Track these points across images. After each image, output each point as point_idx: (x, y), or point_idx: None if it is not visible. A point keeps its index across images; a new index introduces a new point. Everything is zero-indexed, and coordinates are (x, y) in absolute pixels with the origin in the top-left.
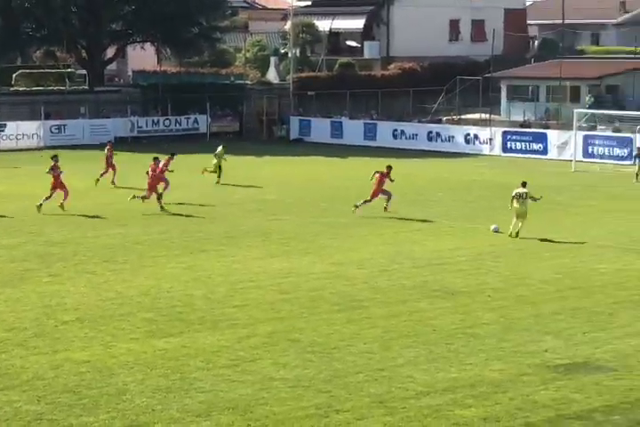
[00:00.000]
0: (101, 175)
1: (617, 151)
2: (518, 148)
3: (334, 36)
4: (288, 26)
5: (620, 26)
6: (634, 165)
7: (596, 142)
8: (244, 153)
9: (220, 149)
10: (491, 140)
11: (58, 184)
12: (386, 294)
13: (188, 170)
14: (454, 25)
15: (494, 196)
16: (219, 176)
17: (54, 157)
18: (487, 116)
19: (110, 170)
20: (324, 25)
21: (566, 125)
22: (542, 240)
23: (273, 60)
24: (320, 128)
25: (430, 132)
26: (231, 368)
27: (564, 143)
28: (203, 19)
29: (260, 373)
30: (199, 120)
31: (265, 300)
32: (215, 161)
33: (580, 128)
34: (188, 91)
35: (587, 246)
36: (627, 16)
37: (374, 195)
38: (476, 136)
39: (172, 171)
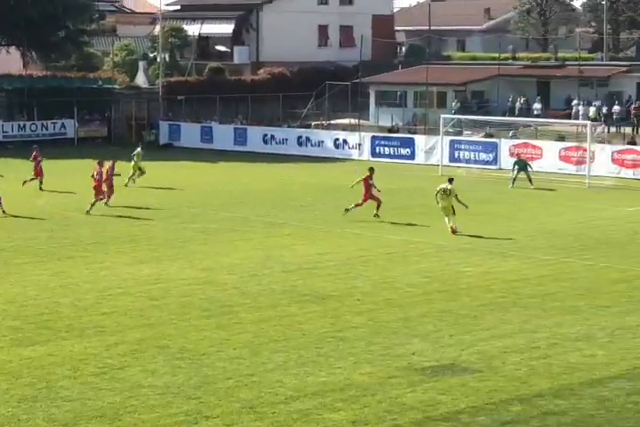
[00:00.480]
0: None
1: (482, 156)
2: (386, 153)
3: (204, 40)
4: (157, 30)
5: (484, 32)
6: (512, 171)
7: (462, 147)
8: (112, 158)
9: (137, 150)
10: (360, 145)
11: None
12: (256, 299)
13: (57, 175)
14: (323, 31)
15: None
16: (130, 178)
17: None
18: (356, 121)
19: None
20: (193, 29)
21: (433, 130)
22: (410, 244)
23: (142, 64)
24: (190, 133)
25: (300, 137)
26: (99, 376)
27: (431, 148)
28: (69, 22)
29: (129, 380)
30: (66, 125)
31: (134, 306)
32: (133, 163)
33: (446, 133)
34: (55, 95)
35: (453, 250)
36: (491, 23)
37: (365, 199)
38: (345, 141)
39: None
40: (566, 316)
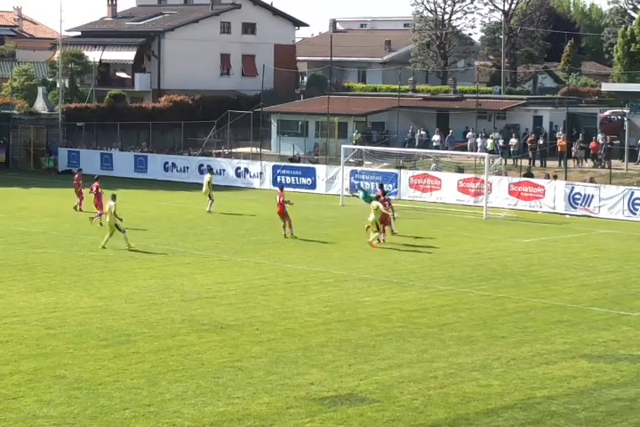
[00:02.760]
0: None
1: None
2: (288, 182)
3: (104, 67)
4: (57, 55)
5: (385, 64)
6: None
7: (363, 177)
8: (9, 184)
9: (208, 176)
10: (261, 173)
11: None
12: (154, 329)
13: None
14: (225, 59)
15: (264, 229)
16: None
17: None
18: (258, 150)
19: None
20: (93, 55)
21: (334, 160)
22: (310, 273)
23: (41, 89)
24: (90, 159)
25: (201, 165)
26: None
27: (332, 178)
28: None
29: (23, 410)
30: None
31: (30, 335)
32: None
33: (347, 163)
34: None
35: (353, 279)
36: (392, 55)
37: (386, 222)
38: (246, 170)
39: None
40: (463, 346)
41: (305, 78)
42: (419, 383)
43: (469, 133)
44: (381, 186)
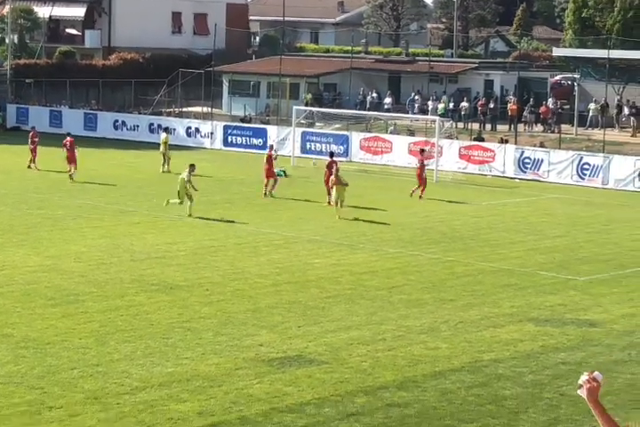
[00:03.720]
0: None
1: (333, 148)
2: (239, 142)
3: (54, 23)
4: (5, 10)
5: (337, 25)
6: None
7: (314, 139)
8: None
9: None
10: (212, 133)
11: None
12: (103, 288)
13: None
14: (177, 17)
15: (214, 190)
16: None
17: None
18: (209, 109)
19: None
20: (43, 11)
21: (285, 121)
22: (260, 234)
23: None
24: (38, 117)
25: (152, 123)
26: None
27: (283, 139)
28: None
29: None
30: None
31: None
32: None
33: (298, 124)
34: None
35: (302, 241)
36: (344, 16)
37: (422, 180)
38: (197, 129)
39: None
40: (412, 309)
41: (257, 38)
42: (367, 346)
43: (414, 96)
44: (332, 154)
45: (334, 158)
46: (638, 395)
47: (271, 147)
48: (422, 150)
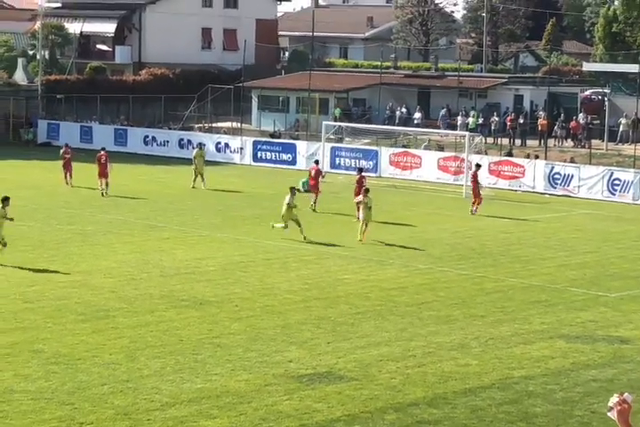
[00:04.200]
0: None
1: (363, 163)
2: (268, 157)
3: (85, 39)
4: (37, 26)
5: (366, 40)
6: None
7: (343, 154)
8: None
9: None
10: (241, 149)
11: None
12: (133, 304)
13: None
14: (206, 33)
15: (244, 205)
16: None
17: None
18: (238, 124)
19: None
20: (74, 27)
21: (315, 137)
22: (290, 250)
23: (21, 61)
24: (69, 132)
25: (182, 139)
26: None
27: (313, 154)
28: None
29: (1, 385)
30: None
31: (7, 309)
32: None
33: (327, 140)
34: None
35: (332, 256)
36: (373, 31)
37: (476, 194)
38: (227, 145)
39: None
40: (442, 325)
41: (286, 54)
42: (397, 362)
43: (442, 111)
44: (360, 169)
45: (363, 173)
46: None
47: (317, 162)
48: (478, 165)
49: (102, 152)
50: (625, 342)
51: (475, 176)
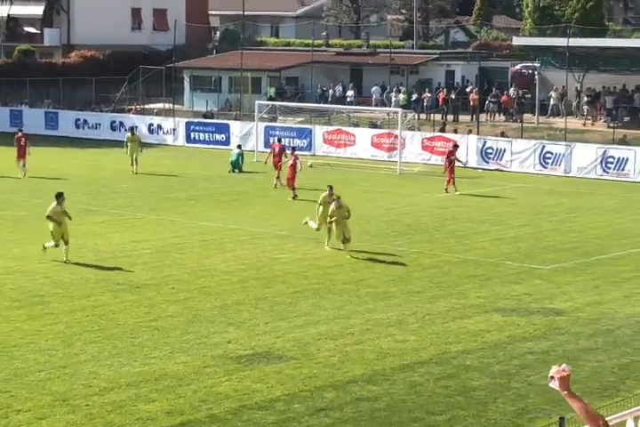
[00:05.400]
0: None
1: (297, 142)
2: (201, 138)
3: (13, 21)
4: None
5: (298, 18)
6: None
7: (277, 133)
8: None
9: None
10: (174, 130)
11: None
12: (68, 289)
13: None
14: (136, 14)
15: (178, 187)
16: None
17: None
18: (171, 106)
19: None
20: (1, 10)
21: (248, 116)
22: (226, 231)
23: None
24: None
25: (114, 121)
26: None
27: (246, 134)
28: None
29: None
30: None
31: None
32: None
33: (261, 119)
34: None
35: (268, 236)
36: (304, 9)
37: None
38: (159, 126)
39: None
40: (379, 302)
41: (217, 33)
42: (335, 340)
43: (374, 88)
44: (293, 149)
45: (296, 153)
46: (605, 382)
47: (279, 140)
48: (456, 146)
49: (20, 133)
50: (559, 314)
51: (449, 155)
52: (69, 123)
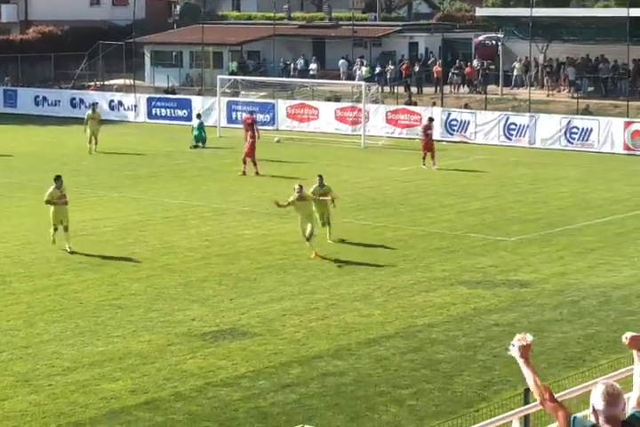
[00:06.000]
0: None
1: (259, 117)
2: (163, 114)
3: None
4: None
5: None
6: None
7: (239, 108)
8: None
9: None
10: (135, 106)
11: None
12: (29, 269)
13: None
14: None
15: (140, 163)
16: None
17: None
18: (131, 82)
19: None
20: None
21: (210, 91)
22: (189, 207)
23: None
24: None
25: (74, 98)
26: None
27: (209, 109)
28: None
29: None
30: None
31: None
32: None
33: (223, 94)
34: None
35: (232, 212)
36: None
37: (427, 148)
38: (120, 103)
39: None
40: (344, 276)
41: (178, 7)
42: (300, 316)
43: (340, 61)
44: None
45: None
46: (570, 353)
47: (251, 112)
48: (431, 119)
49: None
50: (524, 286)
51: (426, 129)
52: (28, 100)
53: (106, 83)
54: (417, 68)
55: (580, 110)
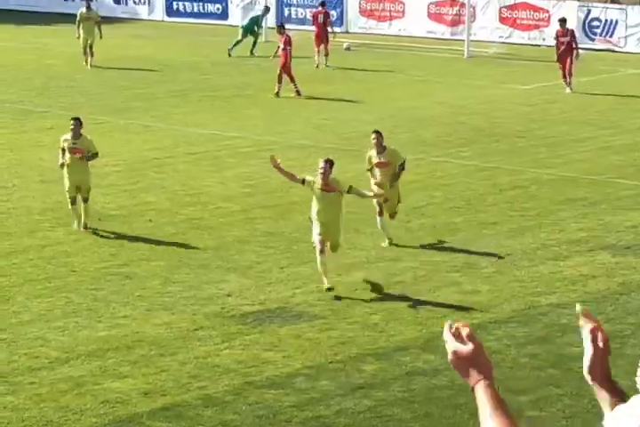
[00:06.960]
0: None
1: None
2: (188, 10)
3: None
4: None
5: None
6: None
7: (294, 2)
8: None
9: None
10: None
11: None
12: (3, 223)
13: None
14: None
15: (156, 78)
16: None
17: None
18: None
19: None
20: None
21: None
22: (223, 140)
23: None
24: None
25: None
26: None
27: (251, 3)
28: None
29: None
30: None
31: None
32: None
33: None
34: None
35: (283, 147)
36: None
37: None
38: None
39: None
40: (437, 236)
41: None
42: (378, 292)
43: None
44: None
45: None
46: None
47: (322, 4)
48: (564, 20)
49: None
50: None
51: (560, 35)
52: None
53: None
54: None
55: None
